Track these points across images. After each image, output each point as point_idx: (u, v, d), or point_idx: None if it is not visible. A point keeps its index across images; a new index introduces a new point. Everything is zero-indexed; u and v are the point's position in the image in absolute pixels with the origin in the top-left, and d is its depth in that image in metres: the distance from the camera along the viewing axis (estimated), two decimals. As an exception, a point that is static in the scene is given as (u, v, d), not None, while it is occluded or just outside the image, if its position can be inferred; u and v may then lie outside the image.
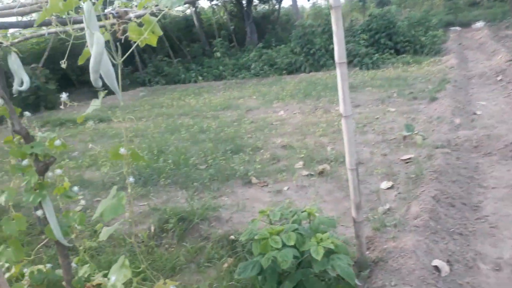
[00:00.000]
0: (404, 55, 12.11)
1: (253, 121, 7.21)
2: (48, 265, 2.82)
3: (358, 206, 2.64)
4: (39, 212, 2.36)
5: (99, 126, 8.52)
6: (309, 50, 12.59)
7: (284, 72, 12.81)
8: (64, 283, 2.58)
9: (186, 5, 18.84)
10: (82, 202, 2.65)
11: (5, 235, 2.31)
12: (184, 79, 14.08)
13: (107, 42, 1.73)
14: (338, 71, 2.47)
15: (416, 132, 5.01)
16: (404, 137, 5.06)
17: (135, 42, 1.83)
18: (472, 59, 10.43)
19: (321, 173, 4.46)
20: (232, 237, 3.20)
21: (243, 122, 7.16)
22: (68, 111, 10.51)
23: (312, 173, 4.50)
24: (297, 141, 5.73)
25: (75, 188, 2.51)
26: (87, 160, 5.88)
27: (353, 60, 11.50)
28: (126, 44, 1.83)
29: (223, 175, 4.59)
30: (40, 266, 2.70)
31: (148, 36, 1.85)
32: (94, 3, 1.58)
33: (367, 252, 2.80)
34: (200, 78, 13.90)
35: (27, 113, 2.38)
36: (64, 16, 1.58)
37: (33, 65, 11.79)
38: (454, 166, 4.15)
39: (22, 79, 2.50)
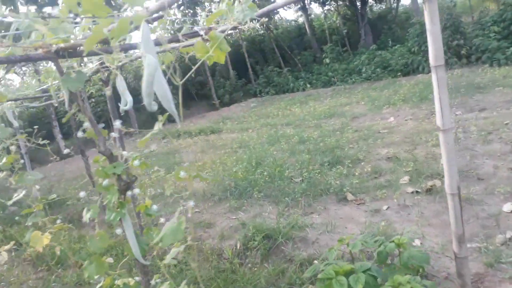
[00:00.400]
0: (549, 46, 10.13)
1: (357, 130, 6.75)
2: (137, 278, 2.96)
3: (461, 239, 2.17)
4: (118, 231, 2.48)
5: (210, 137, 8.97)
6: (427, 49, 11.42)
7: (399, 74, 11.89)
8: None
9: (299, 13, 19.00)
10: (162, 220, 2.72)
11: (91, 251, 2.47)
12: (293, 87, 14.10)
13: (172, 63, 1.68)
14: (433, 76, 2.14)
15: (558, 141, 4.05)
16: (542, 148, 4.14)
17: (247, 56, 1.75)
18: None
19: (429, 190, 3.88)
20: (316, 261, 2.94)
21: (346, 131, 6.76)
22: (186, 123, 11.40)
23: (418, 190, 3.95)
24: (405, 152, 5.14)
25: (154, 207, 2.58)
26: (194, 171, 6.19)
27: (481, 56, 10.09)
28: (238, 58, 1.77)
29: (316, 190, 4.33)
30: (126, 280, 2.84)
31: (214, 54, 1.77)
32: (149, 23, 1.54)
33: (476, 295, 2.28)
34: (308, 85, 13.76)
35: (113, 134, 2.53)
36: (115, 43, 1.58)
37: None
38: None
39: (126, 100, 2.68)
